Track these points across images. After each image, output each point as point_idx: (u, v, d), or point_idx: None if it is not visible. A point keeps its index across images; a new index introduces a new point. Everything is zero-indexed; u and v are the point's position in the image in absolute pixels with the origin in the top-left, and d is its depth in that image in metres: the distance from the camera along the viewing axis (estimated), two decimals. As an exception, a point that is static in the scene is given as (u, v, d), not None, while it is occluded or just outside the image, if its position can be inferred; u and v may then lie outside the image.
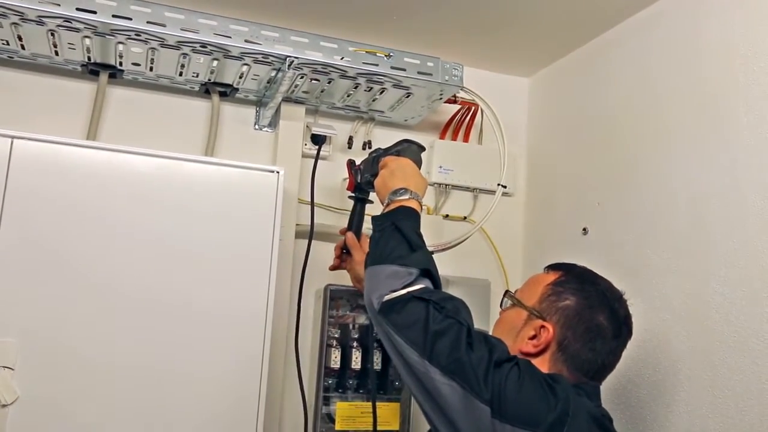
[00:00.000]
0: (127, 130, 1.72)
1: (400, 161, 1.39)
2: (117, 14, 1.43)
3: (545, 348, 1.15)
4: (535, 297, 1.20)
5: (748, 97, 1.32)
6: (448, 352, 1.04)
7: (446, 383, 1.02)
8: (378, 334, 1.17)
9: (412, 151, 1.43)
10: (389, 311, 1.12)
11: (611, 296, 1.19)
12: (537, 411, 0.99)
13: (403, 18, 1.74)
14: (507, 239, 2.02)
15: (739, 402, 1.25)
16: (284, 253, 1.66)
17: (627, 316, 1.20)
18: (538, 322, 1.16)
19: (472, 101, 1.86)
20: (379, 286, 1.16)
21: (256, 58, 1.57)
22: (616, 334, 1.17)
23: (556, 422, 0.98)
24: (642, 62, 1.62)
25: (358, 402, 1.71)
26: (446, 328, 1.06)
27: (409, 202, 1.30)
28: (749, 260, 1.27)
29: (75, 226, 1.35)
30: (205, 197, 1.46)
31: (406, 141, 1.46)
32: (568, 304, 1.16)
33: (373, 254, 1.23)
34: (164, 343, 1.38)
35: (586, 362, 1.14)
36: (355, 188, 1.56)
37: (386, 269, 1.17)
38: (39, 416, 1.28)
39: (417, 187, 1.33)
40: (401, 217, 1.26)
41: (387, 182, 1.36)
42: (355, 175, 1.56)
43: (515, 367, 1.03)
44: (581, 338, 1.14)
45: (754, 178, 1.28)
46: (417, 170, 1.39)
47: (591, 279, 1.21)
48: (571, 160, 1.86)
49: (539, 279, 1.24)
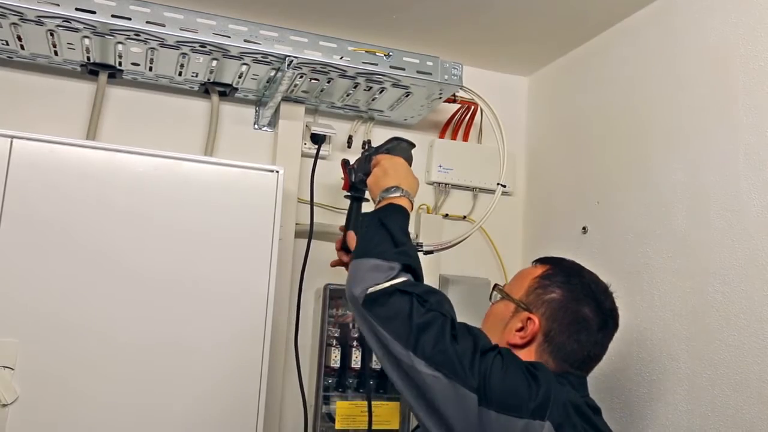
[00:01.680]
0: (127, 130, 1.72)
1: (393, 159, 1.40)
2: (116, 14, 1.43)
3: (532, 339, 1.17)
4: (523, 290, 1.22)
5: (747, 95, 1.32)
6: (433, 343, 1.05)
7: (431, 374, 1.03)
8: (360, 327, 1.17)
9: (402, 149, 1.43)
10: (372, 304, 1.12)
11: (597, 289, 1.21)
12: (520, 398, 1.00)
13: (403, 17, 1.74)
14: (506, 238, 2.03)
15: (739, 401, 1.25)
16: (284, 253, 1.66)
17: (613, 308, 1.22)
18: (524, 315, 1.18)
19: (471, 100, 1.86)
20: (361, 278, 1.16)
21: (255, 58, 1.57)
22: (602, 326, 1.18)
23: (538, 408, 0.99)
24: (642, 61, 1.62)
25: (358, 401, 1.71)
26: (430, 320, 1.08)
27: (400, 200, 1.30)
28: (749, 259, 1.27)
29: (75, 226, 1.35)
30: (204, 197, 1.46)
31: (396, 139, 1.46)
32: (554, 296, 1.18)
33: (357, 248, 1.24)
34: (164, 345, 1.38)
35: (571, 353, 1.16)
36: (350, 187, 1.57)
37: (368, 262, 1.17)
38: (39, 416, 1.28)
39: (409, 185, 1.34)
40: (388, 214, 1.27)
41: (379, 180, 1.36)
42: (349, 175, 1.56)
43: (498, 356, 1.05)
44: (566, 330, 1.16)
45: (754, 176, 1.28)
46: (409, 169, 1.40)
47: (577, 272, 1.23)
48: (570, 159, 1.86)
49: (527, 272, 1.26)
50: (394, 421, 1.72)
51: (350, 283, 1.18)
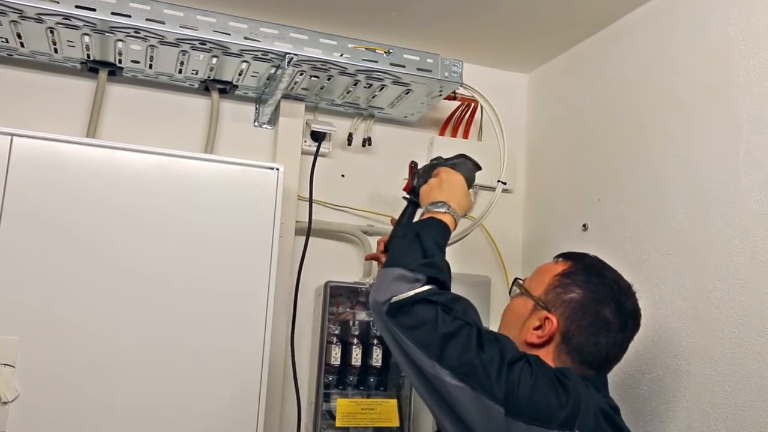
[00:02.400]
0: (127, 128, 1.72)
1: (453, 175, 1.38)
2: (116, 11, 1.43)
3: (549, 339, 1.15)
4: (542, 287, 1.20)
5: (747, 92, 1.32)
6: (459, 354, 1.04)
7: (457, 385, 1.03)
8: (383, 336, 1.16)
9: (467, 168, 1.42)
10: (397, 313, 1.11)
11: (618, 289, 1.19)
12: (550, 408, 1.00)
13: (403, 14, 1.74)
14: (507, 236, 2.02)
15: (739, 398, 1.25)
16: (284, 250, 1.66)
17: (635, 309, 1.20)
18: (543, 313, 1.17)
19: (471, 98, 1.86)
20: (385, 287, 1.15)
21: (255, 55, 1.57)
22: (622, 328, 1.17)
23: (569, 418, 0.99)
24: (641, 58, 1.62)
25: (359, 399, 1.71)
26: (456, 330, 1.07)
27: (444, 216, 1.28)
28: (749, 256, 1.27)
29: (75, 224, 1.35)
30: (204, 195, 1.46)
31: (464, 156, 1.45)
32: (573, 296, 1.17)
33: (389, 257, 1.23)
34: (164, 342, 1.38)
35: (589, 355, 1.15)
36: (410, 191, 1.57)
37: (394, 272, 1.16)
38: (39, 414, 1.29)
39: (458, 203, 1.32)
40: (426, 227, 1.25)
41: (431, 192, 1.35)
42: (413, 178, 1.56)
43: (527, 365, 1.04)
44: (585, 331, 1.14)
45: (754, 173, 1.28)
46: (465, 188, 1.38)
47: (599, 271, 1.21)
48: (571, 156, 1.86)
49: (548, 269, 1.24)
50: (394, 418, 1.72)
51: (374, 291, 1.17)
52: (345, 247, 1.88)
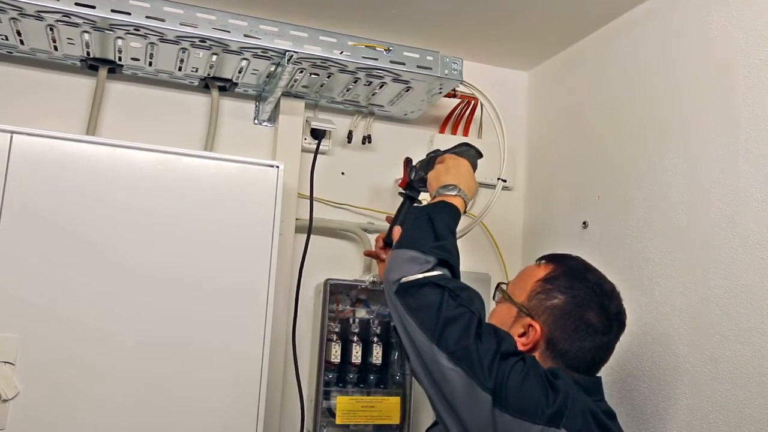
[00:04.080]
0: (127, 125, 1.72)
1: (458, 160, 1.42)
2: (116, 9, 1.43)
3: (534, 346, 1.16)
4: (525, 293, 1.20)
5: (748, 90, 1.32)
6: (457, 338, 1.06)
7: (452, 368, 1.04)
8: (391, 315, 1.19)
9: (470, 155, 1.46)
10: (404, 293, 1.15)
11: (601, 292, 1.18)
12: (537, 404, 1.00)
13: (403, 12, 1.74)
14: (507, 233, 2.02)
15: (739, 396, 1.25)
16: (284, 248, 1.66)
17: (619, 311, 1.19)
18: (526, 320, 1.17)
19: (471, 95, 1.86)
20: (397, 268, 1.19)
21: (255, 53, 1.57)
22: (606, 331, 1.16)
23: (555, 415, 0.99)
24: (642, 55, 1.62)
25: (359, 396, 1.71)
26: (458, 315, 1.09)
27: (454, 199, 1.32)
28: (749, 253, 1.27)
29: (75, 221, 1.35)
30: (204, 192, 1.45)
31: (466, 144, 1.48)
32: (556, 303, 1.16)
33: (400, 239, 1.27)
34: (163, 340, 1.38)
35: (575, 359, 1.15)
36: (406, 186, 1.57)
37: (406, 253, 1.20)
38: (40, 412, 1.28)
39: (467, 186, 1.36)
40: (438, 210, 1.29)
41: (440, 176, 1.38)
42: (409, 173, 1.57)
43: (521, 362, 1.05)
44: (570, 337, 1.14)
45: (755, 171, 1.28)
46: (471, 172, 1.42)
47: (581, 275, 1.20)
48: (571, 154, 1.86)
49: (531, 273, 1.24)
50: (395, 416, 1.72)
51: (387, 271, 1.21)
52: (345, 244, 1.88)
